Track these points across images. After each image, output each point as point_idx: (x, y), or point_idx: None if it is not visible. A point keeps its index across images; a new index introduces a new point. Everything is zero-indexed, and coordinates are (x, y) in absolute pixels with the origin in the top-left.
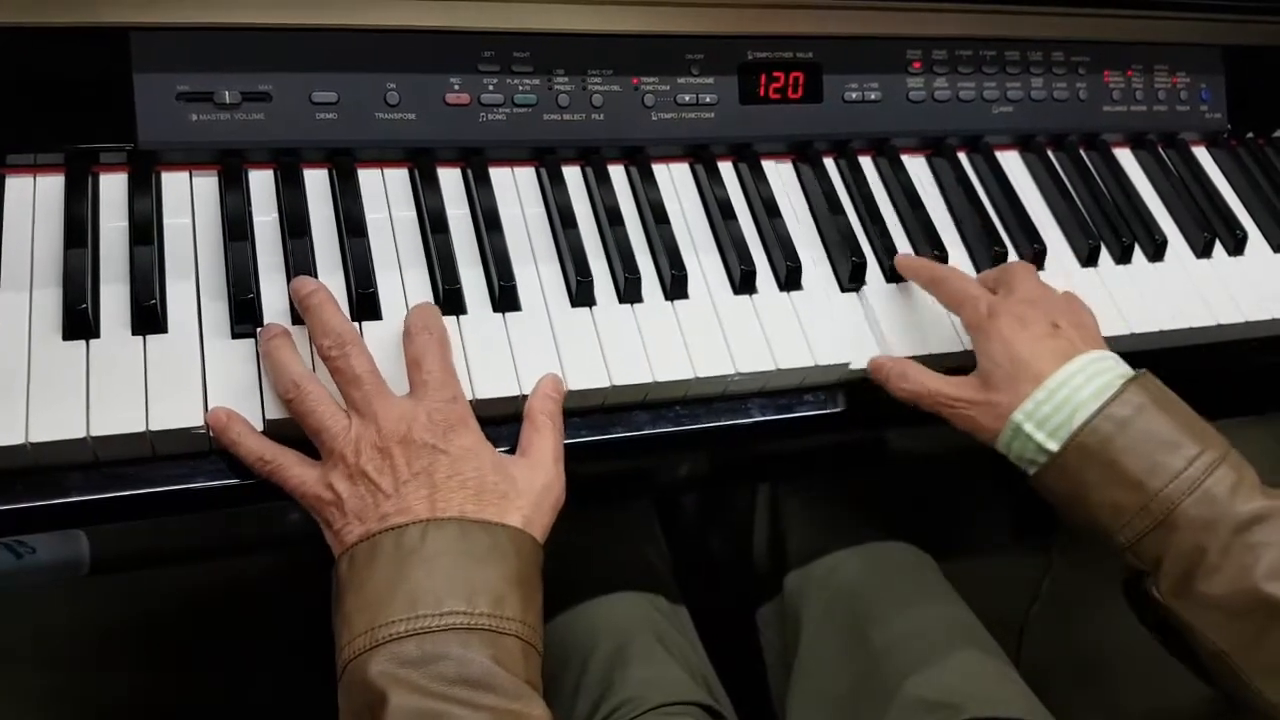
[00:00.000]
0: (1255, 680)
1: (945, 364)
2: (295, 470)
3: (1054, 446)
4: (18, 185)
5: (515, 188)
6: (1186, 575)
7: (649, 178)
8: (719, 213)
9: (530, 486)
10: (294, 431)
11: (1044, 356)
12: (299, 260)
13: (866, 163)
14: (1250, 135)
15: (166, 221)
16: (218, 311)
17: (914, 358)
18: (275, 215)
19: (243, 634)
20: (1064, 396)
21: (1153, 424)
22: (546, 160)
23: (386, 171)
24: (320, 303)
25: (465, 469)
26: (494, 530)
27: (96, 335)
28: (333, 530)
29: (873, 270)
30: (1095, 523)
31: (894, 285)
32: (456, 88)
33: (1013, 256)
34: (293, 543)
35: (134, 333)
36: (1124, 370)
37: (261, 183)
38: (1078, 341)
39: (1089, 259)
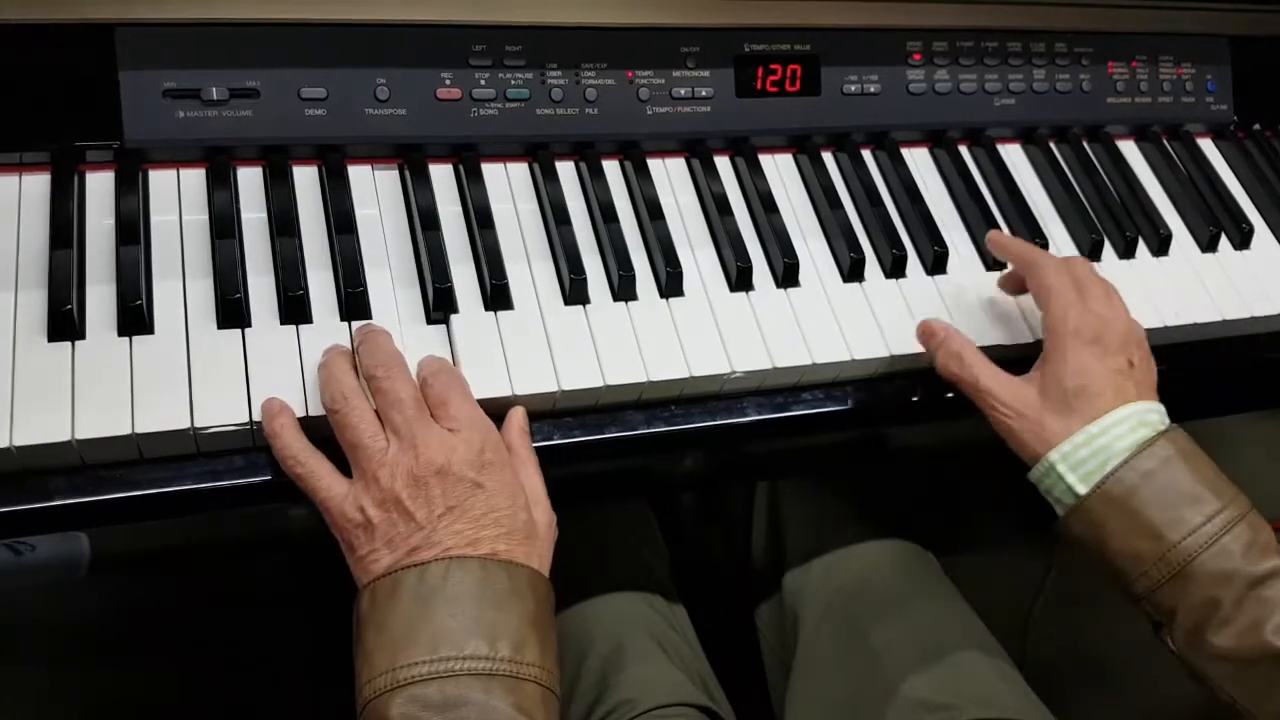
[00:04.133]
0: None
1: None
2: (326, 481)
3: (1083, 490)
4: (3, 184)
5: (508, 183)
6: (1199, 627)
7: (644, 173)
8: (715, 208)
9: (541, 525)
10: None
11: (1108, 394)
12: (287, 259)
13: (866, 156)
14: (1257, 127)
15: (153, 220)
16: (205, 311)
17: (909, 355)
18: (263, 213)
19: (242, 632)
20: (1102, 444)
21: (1177, 478)
22: (539, 155)
23: (377, 168)
24: (375, 333)
25: (500, 506)
26: (515, 571)
27: (82, 336)
28: (356, 555)
29: (871, 266)
30: (1114, 570)
31: (892, 281)
32: (448, 82)
33: None
34: (293, 542)
35: (120, 334)
36: (1164, 424)
37: (249, 180)
38: (1141, 385)
39: (1092, 253)
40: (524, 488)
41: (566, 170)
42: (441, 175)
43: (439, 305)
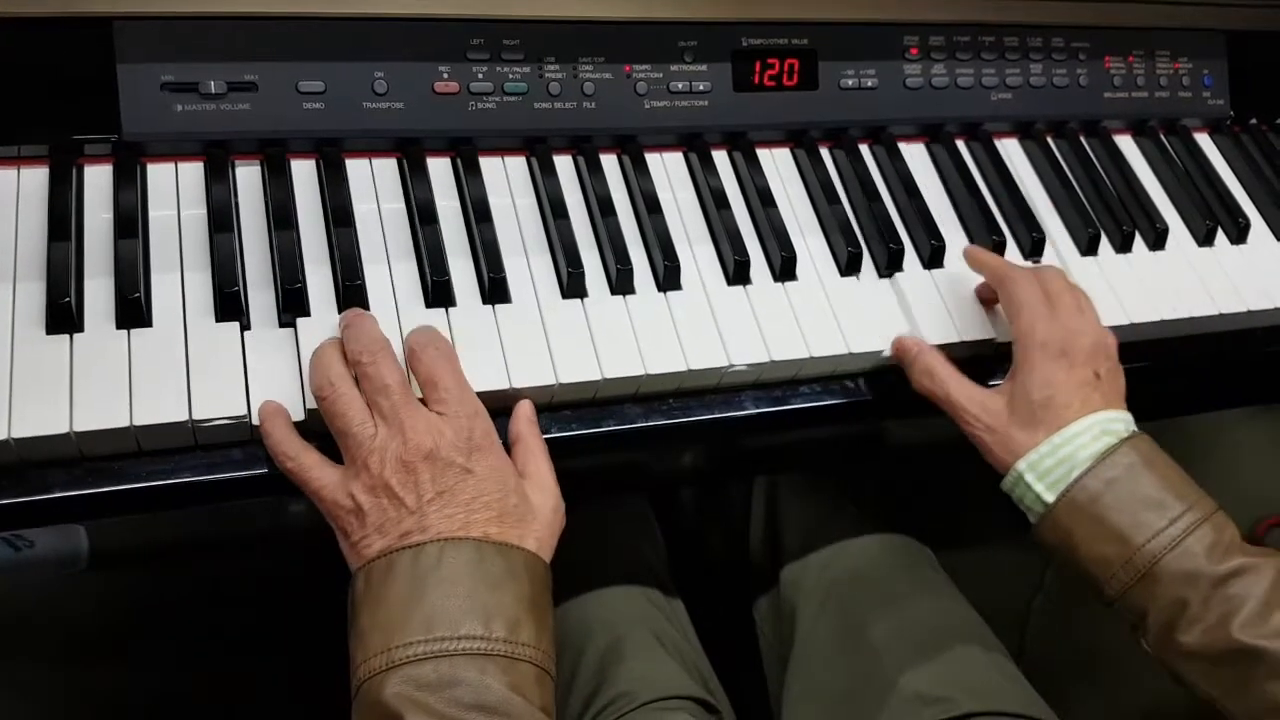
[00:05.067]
0: None
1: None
2: (315, 472)
3: (1050, 498)
4: (1, 178)
5: (506, 177)
6: (1169, 627)
7: (642, 167)
8: (713, 202)
9: (543, 509)
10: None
11: (1074, 405)
12: (285, 252)
13: (863, 151)
14: (1253, 121)
15: (151, 214)
16: (203, 305)
17: None
18: (261, 207)
19: (241, 629)
20: (1066, 453)
21: (1140, 484)
22: (537, 149)
23: (374, 161)
24: (359, 318)
25: (490, 490)
26: (510, 553)
27: (80, 329)
28: (350, 541)
29: (869, 261)
30: (1086, 576)
31: (889, 275)
32: (445, 76)
33: (1011, 245)
34: (293, 536)
35: (118, 326)
36: (1130, 432)
37: (247, 174)
38: (1108, 395)
39: (1089, 248)
40: (515, 470)
41: (564, 164)
42: (439, 169)
43: (437, 298)
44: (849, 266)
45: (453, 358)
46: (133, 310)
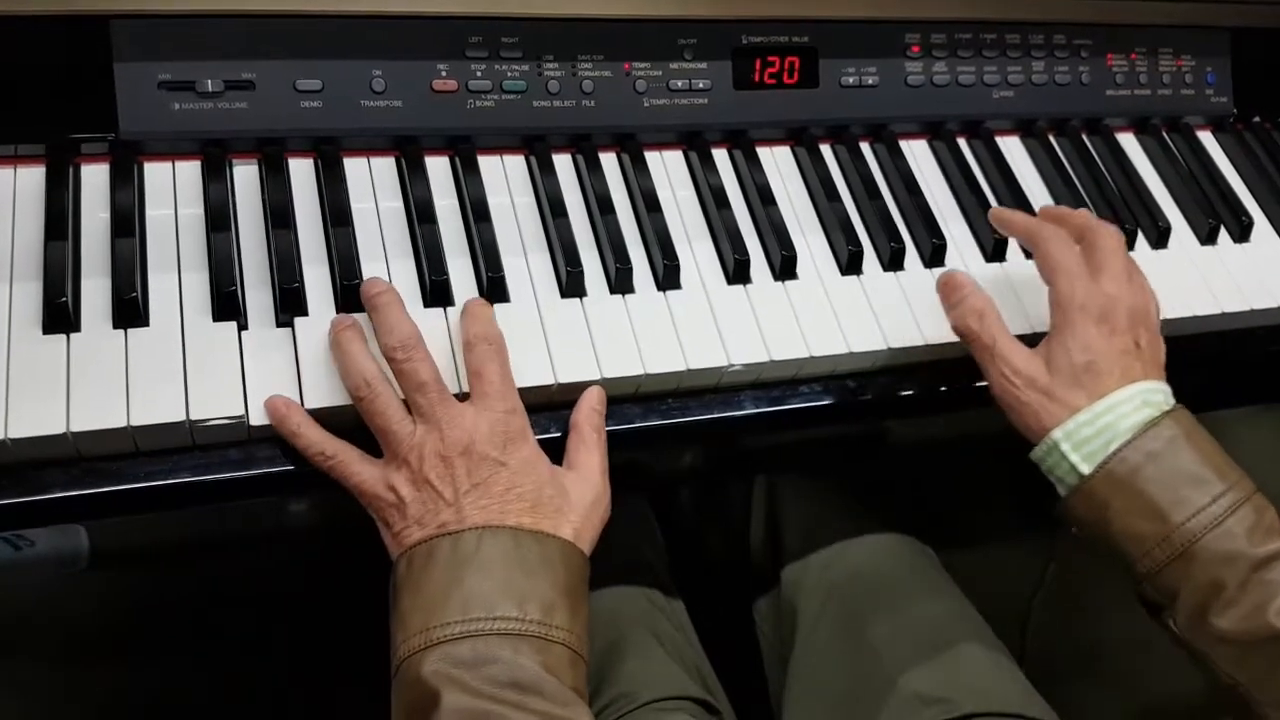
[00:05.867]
0: (1269, 712)
1: (944, 355)
2: (356, 467)
3: (1086, 470)
4: None
5: (504, 176)
6: (1202, 608)
7: (641, 165)
8: (713, 201)
9: (581, 500)
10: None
11: (1115, 373)
12: (283, 251)
13: (864, 149)
14: (1256, 119)
15: (149, 213)
16: (200, 304)
17: (907, 348)
18: (259, 206)
19: (241, 629)
20: (1106, 423)
21: (1181, 459)
22: (536, 148)
23: (373, 160)
24: (388, 302)
25: (523, 482)
26: (545, 541)
27: (77, 329)
28: (392, 531)
29: (869, 259)
30: (1117, 551)
31: (891, 274)
32: (444, 74)
33: (1013, 244)
34: (292, 538)
35: (115, 326)
36: (1169, 404)
37: (245, 173)
38: (1148, 365)
39: None
40: (549, 462)
41: (563, 163)
42: (438, 168)
43: (435, 298)
44: (850, 265)
45: (502, 352)
46: (130, 310)
